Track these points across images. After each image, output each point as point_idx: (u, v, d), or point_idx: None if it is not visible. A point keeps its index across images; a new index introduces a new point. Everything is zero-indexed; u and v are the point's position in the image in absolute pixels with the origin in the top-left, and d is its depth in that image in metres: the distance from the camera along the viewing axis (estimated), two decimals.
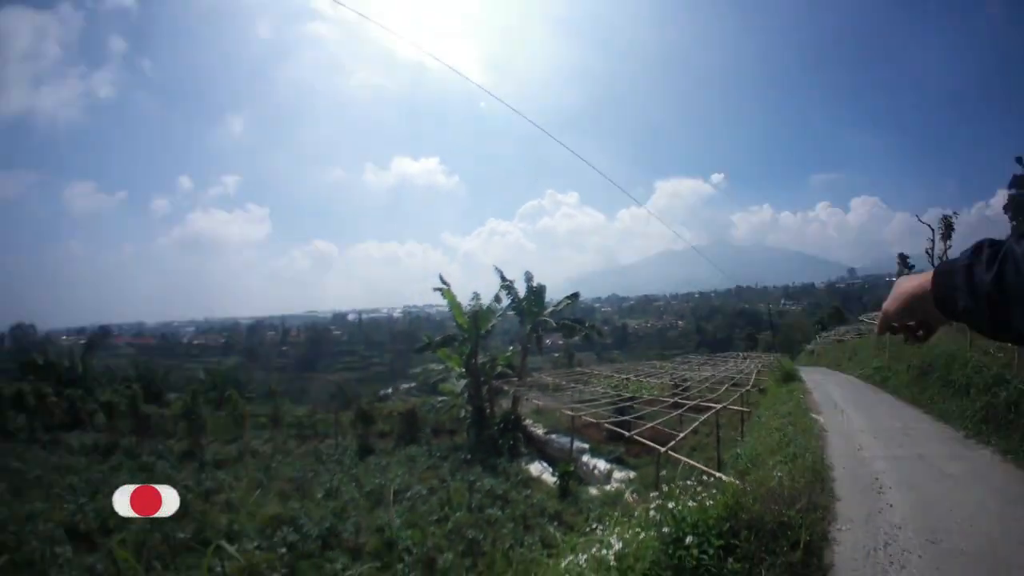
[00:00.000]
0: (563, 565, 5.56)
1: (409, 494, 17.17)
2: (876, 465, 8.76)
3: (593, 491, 18.53)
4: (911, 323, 1.32)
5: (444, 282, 31.48)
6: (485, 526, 13.90)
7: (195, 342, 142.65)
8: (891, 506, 6.89)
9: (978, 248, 1.09)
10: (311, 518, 14.33)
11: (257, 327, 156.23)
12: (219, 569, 9.28)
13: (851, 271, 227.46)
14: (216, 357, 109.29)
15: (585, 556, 5.51)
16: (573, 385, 30.35)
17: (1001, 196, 55.40)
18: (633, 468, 20.07)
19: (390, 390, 67.97)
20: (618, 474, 19.85)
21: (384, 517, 14.32)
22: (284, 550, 11.88)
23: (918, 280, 1.23)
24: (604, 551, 5.40)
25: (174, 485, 15.21)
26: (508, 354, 35.16)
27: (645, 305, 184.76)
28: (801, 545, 5.27)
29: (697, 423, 16.80)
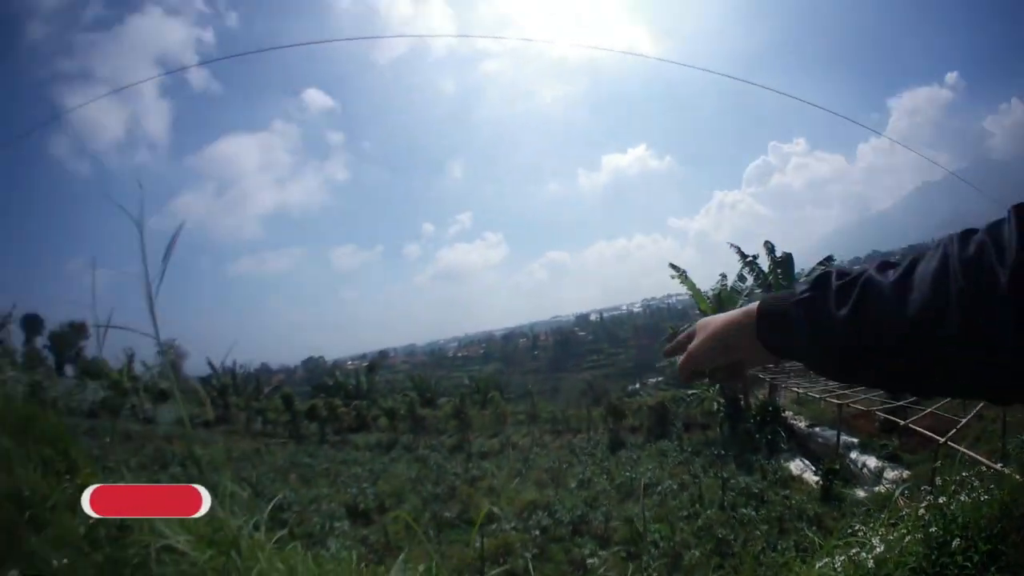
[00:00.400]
0: (816, 568, 5.18)
1: (659, 488, 17.05)
2: None
3: (860, 493, 16.76)
4: (723, 364, 1.10)
5: (677, 269, 30.40)
6: (737, 526, 13.41)
7: (459, 355, 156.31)
8: None
9: (822, 280, 0.91)
10: (564, 505, 15.18)
11: (510, 336, 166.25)
12: (479, 545, 10.11)
13: None
14: (477, 366, 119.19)
15: (842, 559, 5.09)
16: None
17: None
18: (907, 466, 17.78)
19: (637, 385, 67.96)
20: (890, 473, 17.67)
21: (633, 509, 14.47)
22: (537, 532, 12.71)
23: (732, 317, 1.05)
24: (864, 554, 4.94)
25: (444, 474, 17.21)
26: None
27: None
28: None
29: (981, 406, 14.41)
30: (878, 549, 4.83)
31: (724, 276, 30.99)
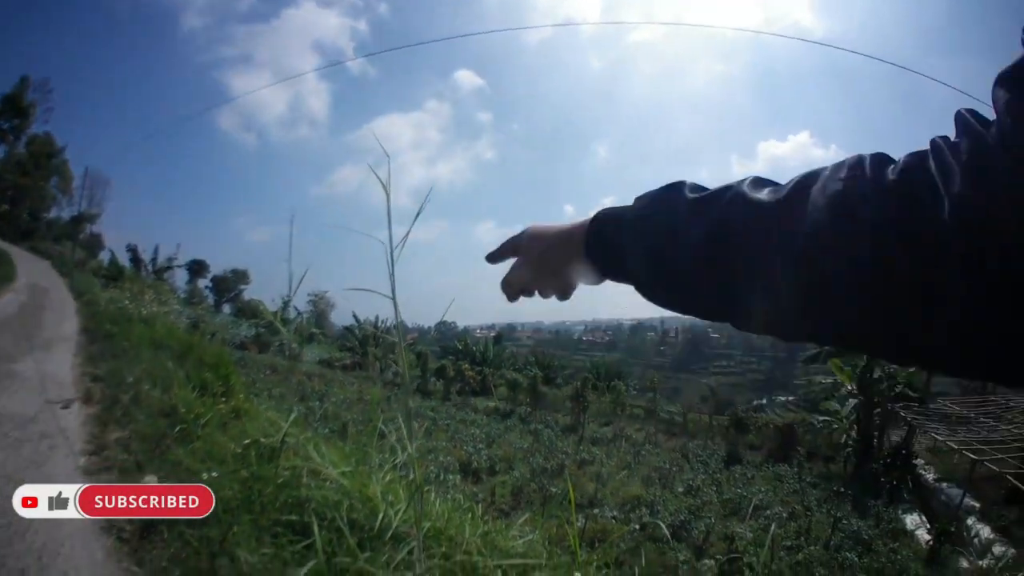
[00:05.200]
0: None
1: (767, 513, 16.77)
2: None
3: (964, 563, 15.53)
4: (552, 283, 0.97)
5: None
6: (836, 569, 13.09)
7: (584, 338, 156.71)
8: None
9: (670, 189, 0.77)
10: (666, 508, 15.39)
11: (638, 328, 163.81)
12: (580, 525, 10.73)
13: None
14: (601, 352, 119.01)
15: None
16: (982, 419, 25.05)
17: None
18: (1020, 542, 16.24)
19: (764, 400, 65.34)
20: (998, 548, 16.24)
21: (737, 527, 14.45)
22: (637, 527, 13.11)
23: (563, 230, 0.91)
24: None
25: (554, 452, 18.09)
26: (911, 370, 30.33)
27: None
28: None
29: None
30: None
31: None
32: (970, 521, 18.53)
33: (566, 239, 0.89)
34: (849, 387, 28.07)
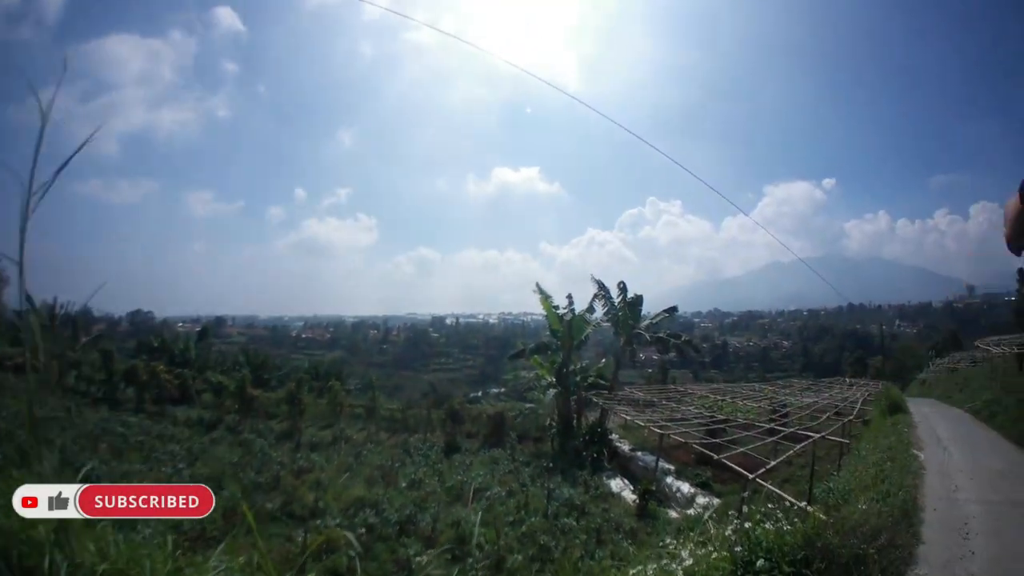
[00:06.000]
0: (630, 574, 5.45)
1: (488, 494, 17.39)
2: (968, 508, 8.19)
3: (673, 513, 18.05)
4: None
5: (541, 290, 31.55)
6: (559, 534, 13.91)
7: (303, 335, 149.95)
8: (973, 553, 6.44)
9: None
10: (392, 505, 14.99)
11: (361, 325, 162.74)
12: (301, 540, 9.76)
13: (970, 289, 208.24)
14: (321, 351, 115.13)
15: (653, 567, 5.40)
16: (664, 402, 29.59)
17: None
18: (718, 495, 19.39)
19: (480, 393, 68.84)
20: (701, 499, 19.21)
21: (461, 512, 14.59)
22: (363, 531, 12.44)
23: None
24: (674, 565, 5.28)
25: (268, 462, 16.23)
26: (600, 366, 34.89)
27: (748, 322, 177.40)
28: None
29: (791, 452, 16.07)
30: (687, 562, 5.24)
31: (570, 297, 32.13)
32: (669, 480, 21.34)
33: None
34: (549, 379, 31.02)
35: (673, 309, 37.05)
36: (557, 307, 31.56)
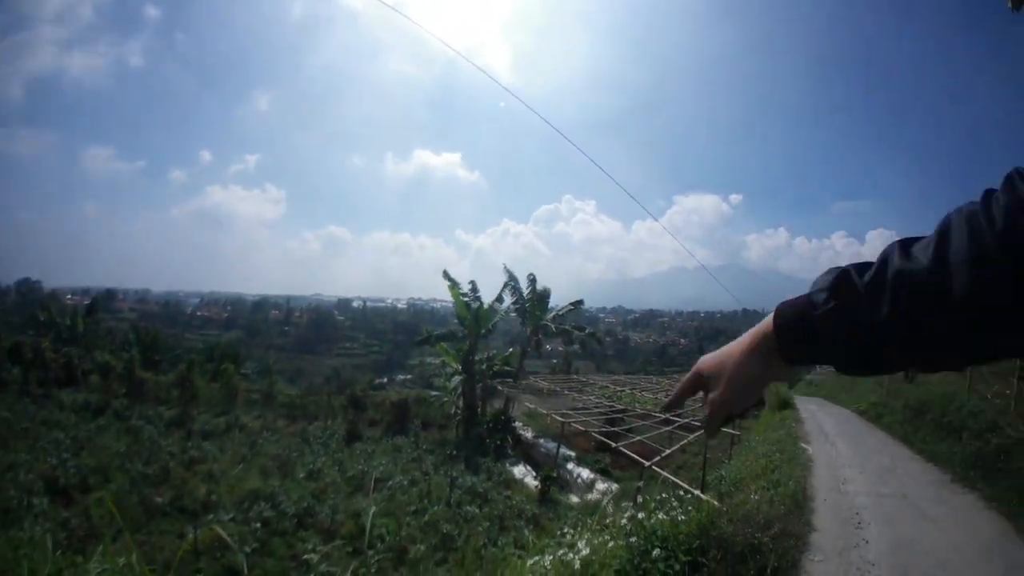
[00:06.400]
0: (528, 565, 5.45)
1: (390, 483, 17.09)
2: (858, 500, 8.71)
3: (574, 499, 18.46)
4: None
5: (450, 278, 31.20)
6: (461, 522, 13.90)
7: (199, 313, 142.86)
8: (867, 542, 6.83)
9: (842, 282, 0.86)
10: (289, 497, 14.38)
11: (262, 304, 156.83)
12: (192, 536, 9.27)
13: None
14: (217, 330, 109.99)
15: (551, 558, 5.41)
16: (567, 392, 30.17)
17: None
18: (616, 480, 20.03)
19: (385, 380, 67.98)
20: (601, 485, 19.81)
21: (362, 503, 14.28)
22: (259, 525, 11.88)
23: (747, 347, 0.96)
24: (571, 555, 5.31)
25: (158, 451, 15.29)
26: (507, 355, 35.04)
27: (650, 319, 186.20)
28: (769, 571, 5.20)
29: (685, 441, 16.78)
30: (584, 551, 5.30)
31: (473, 284, 31.77)
32: (570, 466, 21.84)
33: (753, 351, 0.95)
34: (455, 366, 30.87)
35: (580, 303, 37.61)
36: (466, 295, 31.33)
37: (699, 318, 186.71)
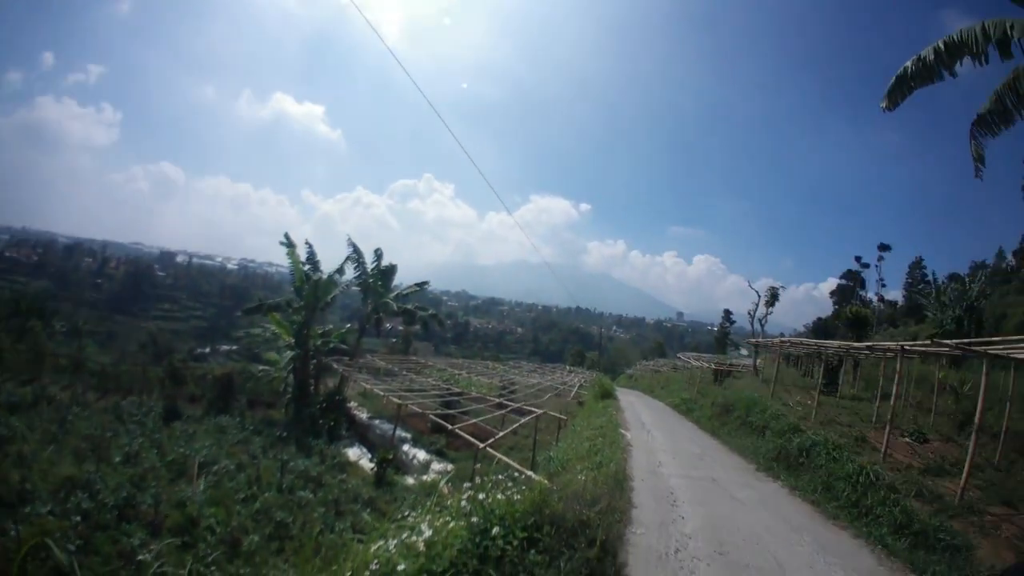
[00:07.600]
0: (372, 550, 5.61)
1: (215, 468, 15.88)
2: (672, 481, 9.76)
3: (410, 480, 18.70)
4: None
5: (290, 241, 29.78)
6: (295, 508, 13.50)
7: (6, 254, 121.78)
8: (683, 518, 7.75)
9: None
10: (107, 485, 12.70)
11: (75, 249, 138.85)
12: (13, 534, 8.35)
13: (679, 314, 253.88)
14: (25, 277, 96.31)
15: (395, 542, 5.60)
16: (405, 373, 30.24)
17: (831, 283, 70.54)
18: (452, 461, 20.55)
19: (208, 350, 64.10)
20: (436, 465, 20.25)
21: (187, 491, 13.31)
22: (79, 519, 10.57)
23: None
24: (414, 537, 5.54)
25: None
26: (344, 331, 34.02)
27: (490, 307, 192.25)
28: (598, 543, 5.79)
29: (517, 424, 17.61)
30: (427, 533, 5.59)
31: (310, 247, 30.84)
32: (406, 447, 21.97)
33: None
34: (287, 339, 29.55)
35: (424, 284, 37.61)
36: (304, 263, 30.18)
37: (537, 310, 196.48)
